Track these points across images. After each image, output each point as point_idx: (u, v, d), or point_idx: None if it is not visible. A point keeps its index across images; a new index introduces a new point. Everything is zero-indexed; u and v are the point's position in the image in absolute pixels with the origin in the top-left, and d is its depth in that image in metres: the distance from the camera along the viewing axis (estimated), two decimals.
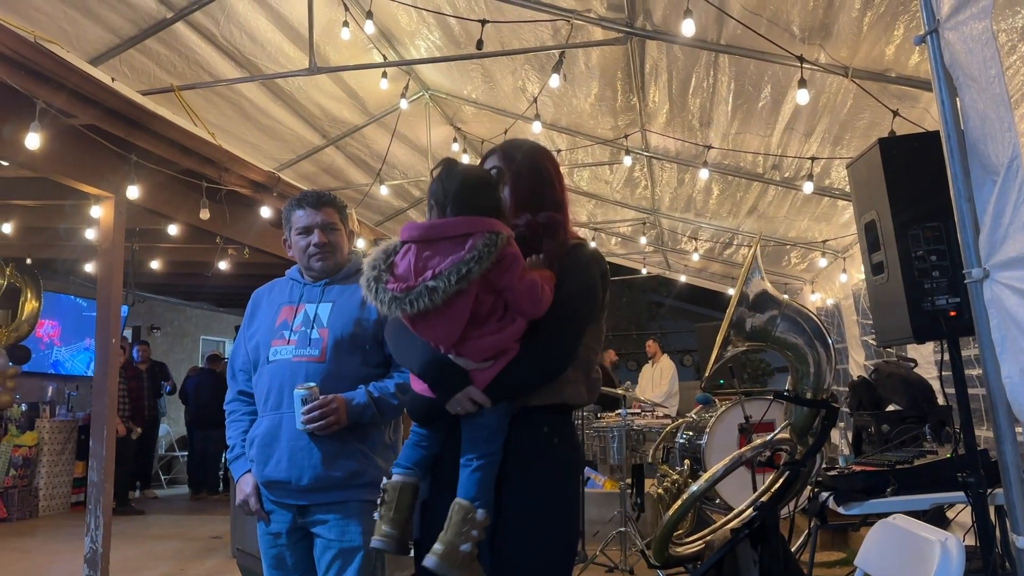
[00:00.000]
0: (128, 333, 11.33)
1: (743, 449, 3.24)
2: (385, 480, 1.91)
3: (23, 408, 8.69)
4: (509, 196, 1.95)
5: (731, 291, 3.10)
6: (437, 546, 1.76)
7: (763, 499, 2.94)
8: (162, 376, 9.98)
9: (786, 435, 3.06)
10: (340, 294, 2.49)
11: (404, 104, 6.03)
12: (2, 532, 7.42)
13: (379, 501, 1.89)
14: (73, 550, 5.73)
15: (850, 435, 4.91)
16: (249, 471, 2.47)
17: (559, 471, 1.91)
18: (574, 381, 1.91)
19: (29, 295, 8.62)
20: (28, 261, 8.51)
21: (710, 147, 5.91)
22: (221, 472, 10.17)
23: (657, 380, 9.83)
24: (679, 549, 3.24)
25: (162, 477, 11.00)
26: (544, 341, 1.84)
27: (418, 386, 1.90)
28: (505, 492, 1.84)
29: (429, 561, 1.75)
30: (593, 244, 2.41)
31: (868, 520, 3.38)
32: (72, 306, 10.39)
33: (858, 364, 7.24)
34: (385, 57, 5.70)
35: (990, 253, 1.97)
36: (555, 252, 1.91)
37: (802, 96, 4.14)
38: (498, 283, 1.76)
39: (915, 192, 2.60)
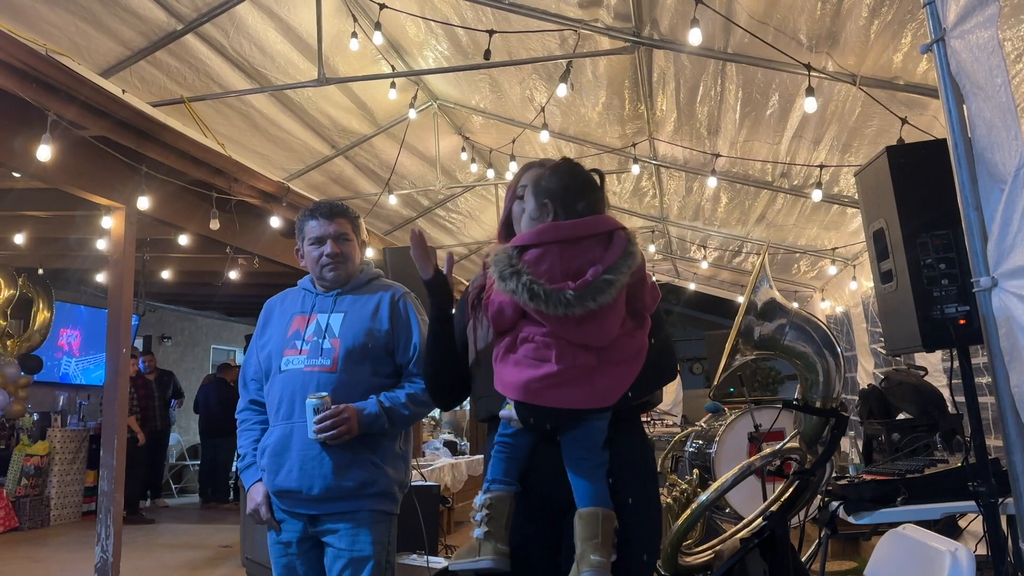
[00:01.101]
0: (139, 342, 11.38)
1: (753, 458, 3.23)
2: (484, 496, 1.84)
3: (35, 417, 8.73)
4: None
5: (740, 299, 3.09)
6: (596, 557, 1.72)
7: (773, 508, 2.93)
8: (170, 385, 10.00)
9: (796, 444, 3.04)
10: (352, 304, 2.51)
11: (412, 114, 6.06)
12: (14, 541, 7.45)
13: (483, 518, 1.81)
14: (84, 559, 5.75)
15: (860, 444, 4.89)
16: (260, 480, 2.47)
17: (653, 459, 2.01)
18: None
19: (41, 305, 8.67)
20: (40, 271, 8.57)
21: (718, 155, 5.91)
22: (232, 481, 10.19)
23: (664, 390, 9.77)
24: (688, 559, 3.22)
25: (173, 486, 11.02)
26: (664, 344, 1.93)
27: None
28: (624, 488, 1.85)
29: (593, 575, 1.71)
30: None
31: (879, 529, 3.36)
32: (93, 316, 10.46)
33: (867, 372, 7.20)
34: (393, 67, 5.73)
35: (998, 262, 1.96)
36: None
37: (810, 104, 4.14)
38: (636, 278, 1.79)
39: (924, 200, 2.59)
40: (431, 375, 2.11)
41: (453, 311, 2.06)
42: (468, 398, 2.10)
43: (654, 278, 2.03)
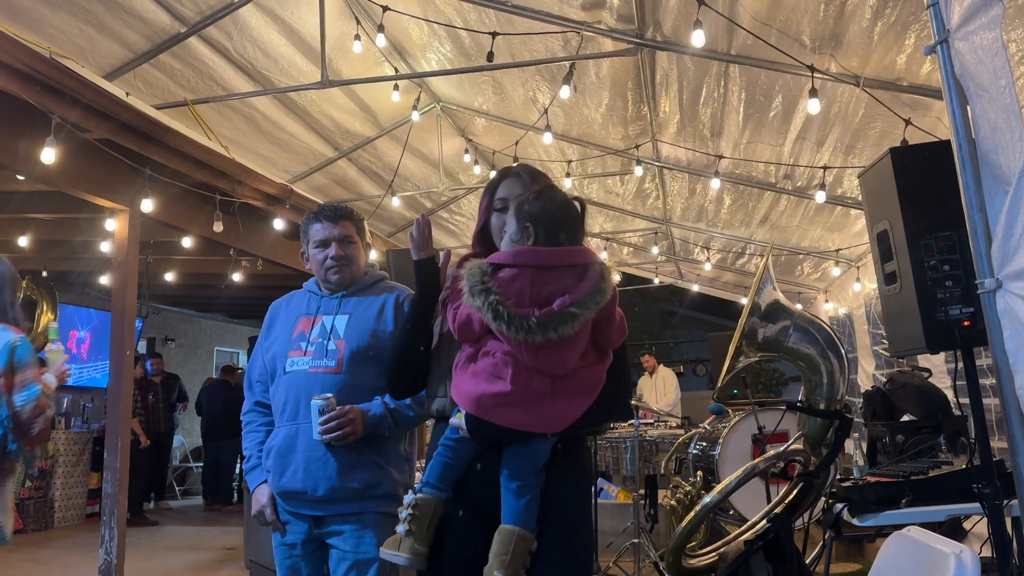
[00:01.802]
0: (143, 345, 11.39)
1: (756, 460, 3.23)
2: (414, 496, 1.88)
3: None
4: None
5: (744, 300, 3.09)
6: (498, 574, 1.75)
7: (777, 510, 2.93)
8: (175, 388, 10.01)
9: (800, 446, 3.04)
10: (357, 306, 2.51)
11: (416, 116, 6.06)
12: (18, 543, 7.46)
13: (407, 517, 1.85)
14: (88, 561, 5.76)
15: (864, 445, 4.88)
16: (265, 482, 2.48)
17: (588, 491, 2.00)
18: None
19: (45, 307, 8.68)
20: (44, 274, 8.59)
21: (721, 157, 5.91)
22: (235, 483, 10.20)
23: (662, 390, 9.79)
24: (692, 561, 3.22)
25: (176, 488, 11.04)
26: (618, 381, 1.91)
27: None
28: (551, 510, 1.86)
29: None
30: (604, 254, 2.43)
31: (883, 531, 3.36)
32: (103, 319, 10.47)
33: (867, 374, 7.20)
34: (397, 70, 5.73)
35: (1003, 263, 1.96)
36: None
37: (813, 106, 4.14)
38: (604, 314, 1.80)
39: (927, 201, 2.59)
40: (394, 359, 2.07)
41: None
42: (422, 391, 2.10)
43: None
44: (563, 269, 1.79)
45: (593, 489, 2.06)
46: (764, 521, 2.99)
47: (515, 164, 2.13)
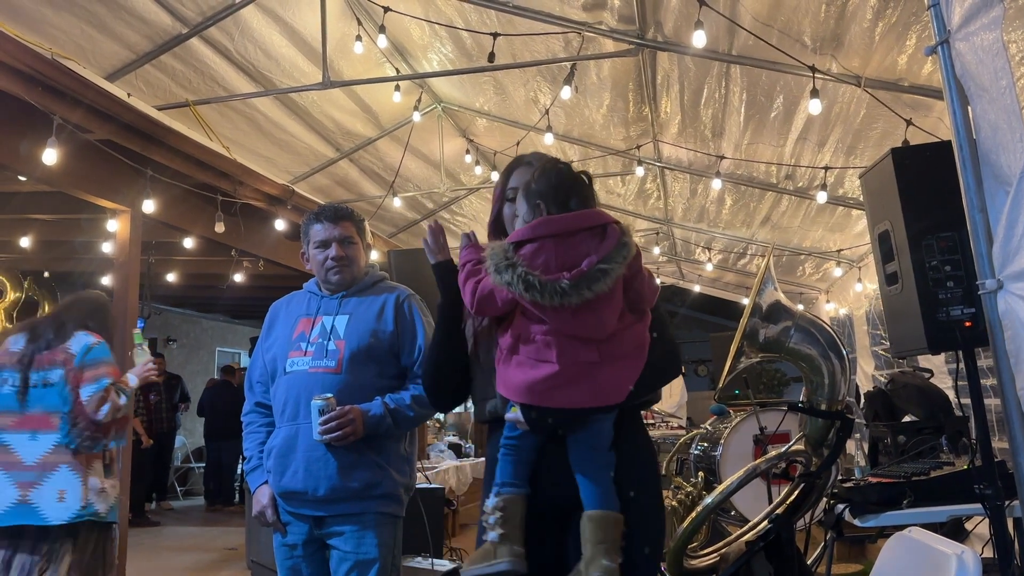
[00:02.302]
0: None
1: (758, 461, 3.22)
2: (496, 498, 1.83)
3: None
4: None
5: (745, 301, 3.09)
6: (606, 562, 1.72)
7: (778, 511, 2.92)
8: (177, 389, 10.01)
9: (801, 446, 3.04)
10: (357, 306, 2.52)
11: (417, 117, 6.07)
12: None
13: (497, 521, 1.79)
14: None
15: (866, 446, 4.88)
16: (266, 482, 2.48)
17: (655, 458, 2.00)
18: None
19: (47, 308, 8.69)
20: (46, 275, 8.59)
21: (723, 157, 5.91)
22: (237, 484, 10.20)
23: (668, 392, 9.79)
24: (694, 562, 3.21)
25: (178, 489, 11.04)
26: (667, 339, 1.91)
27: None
28: (627, 485, 1.85)
29: None
30: None
31: (885, 532, 3.36)
32: None
33: (866, 375, 7.19)
34: (398, 70, 5.74)
35: (1004, 264, 1.96)
36: None
37: (814, 106, 4.14)
38: (632, 270, 1.79)
39: (929, 202, 2.59)
40: (435, 371, 2.04)
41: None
42: (467, 400, 2.08)
43: (657, 280, 2.03)
44: (582, 233, 1.78)
45: (658, 461, 2.05)
46: (766, 522, 2.99)
47: (527, 154, 2.11)
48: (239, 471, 10.13)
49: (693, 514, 3.13)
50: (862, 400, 4.99)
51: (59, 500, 3.08)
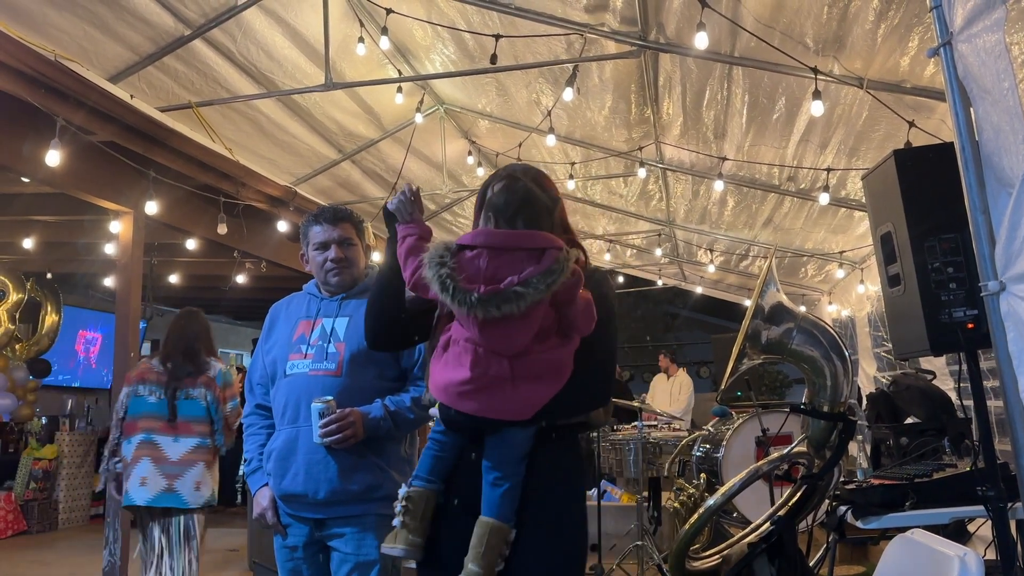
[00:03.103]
0: (147, 347, 11.41)
1: (760, 462, 3.22)
2: (407, 489, 1.91)
3: (43, 421, 8.76)
4: None
5: (748, 302, 3.09)
6: (473, 567, 1.78)
7: (781, 513, 2.92)
8: None
9: (803, 448, 3.04)
10: (357, 308, 2.51)
11: (419, 118, 6.07)
12: (22, 544, 7.48)
13: (401, 510, 1.89)
14: (92, 563, 5.77)
15: (868, 448, 4.87)
16: (266, 484, 2.48)
17: (575, 487, 1.98)
18: None
19: (49, 309, 8.71)
20: (48, 276, 8.61)
21: (725, 159, 5.91)
22: (238, 485, 10.19)
23: (676, 395, 9.77)
24: (696, 563, 3.21)
25: None
26: (595, 368, 1.90)
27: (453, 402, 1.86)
28: (526, 506, 1.87)
29: None
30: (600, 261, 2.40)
31: (887, 534, 3.35)
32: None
33: (868, 376, 7.19)
34: (400, 72, 5.74)
35: (1006, 266, 1.95)
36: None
37: (817, 108, 4.14)
38: (563, 298, 1.80)
39: (931, 203, 2.58)
40: (377, 304, 2.05)
41: None
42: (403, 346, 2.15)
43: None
44: (519, 252, 1.80)
45: (584, 481, 2.05)
46: (768, 523, 2.98)
47: (507, 165, 2.13)
48: (240, 472, 10.12)
49: (695, 516, 3.13)
50: (863, 402, 4.99)
51: (196, 489, 3.98)
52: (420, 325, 2.01)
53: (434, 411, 1.92)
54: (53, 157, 3.90)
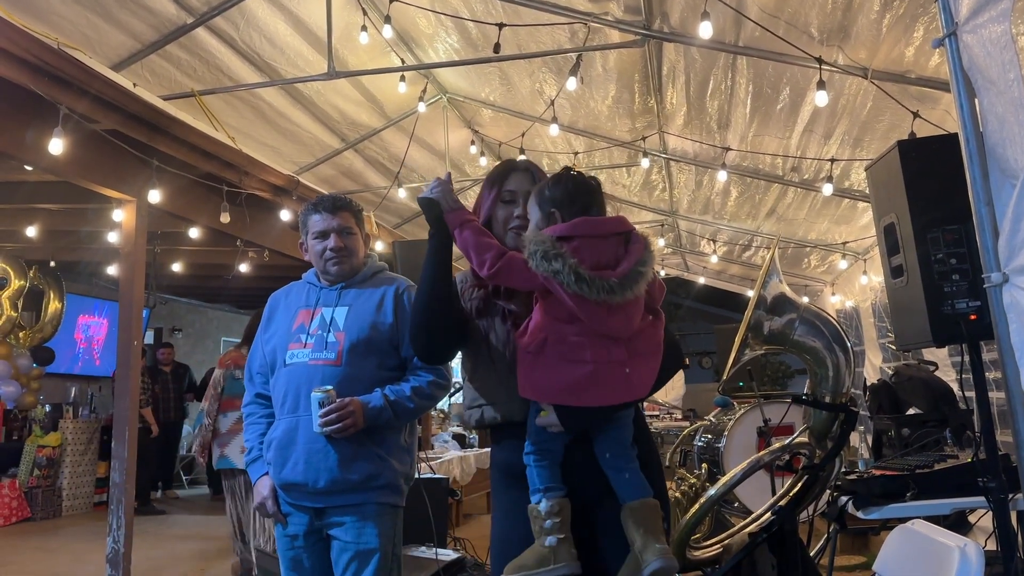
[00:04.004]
0: (150, 335, 11.44)
1: (762, 453, 3.23)
2: (547, 503, 1.83)
3: (47, 409, 8.79)
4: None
5: (750, 293, 3.08)
6: (659, 546, 1.78)
7: (782, 503, 2.93)
8: (185, 378, 10.02)
9: (805, 439, 3.04)
10: (356, 298, 2.51)
11: (422, 107, 6.06)
12: (26, 531, 7.51)
13: (552, 526, 1.81)
14: (96, 550, 5.79)
15: (870, 439, 4.88)
16: (266, 474, 2.49)
17: (656, 445, 2.11)
18: None
19: (52, 297, 8.72)
20: (52, 264, 8.61)
21: (728, 149, 5.89)
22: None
23: (670, 384, 9.80)
24: (697, 553, 3.22)
25: (183, 477, 11.08)
26: (672, 336, 2.00)
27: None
28: (650, 475, 1.94)
29: (661, 563, 1.74)
30: None
31: (888, 524, 3.36)
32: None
33: (874, 367, 7.19)
34: (403, 61, 5.73)
35: (1009, 257, 1.95)
36: None
37: (821, 98, 4.12)
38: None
39: (935, 195, 2.58)
40: (428, 315, 1.98)
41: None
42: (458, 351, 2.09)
43: (661, 273, 2.09)
44: (613, 237, 1.86)
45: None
46: (769, 513, 2.99)
47: (518, 159, 2.15)
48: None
49: (696, 505, 3.14)
50: (866, 393, 4.99)
51: (243, 452, 4.28)
52: (463, 332, 2.01)
53: (543, 420, 1.84)
54: (56, 145, 3.90)
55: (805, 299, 3.22)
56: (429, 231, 2.00)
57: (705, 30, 4.02)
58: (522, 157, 6.28)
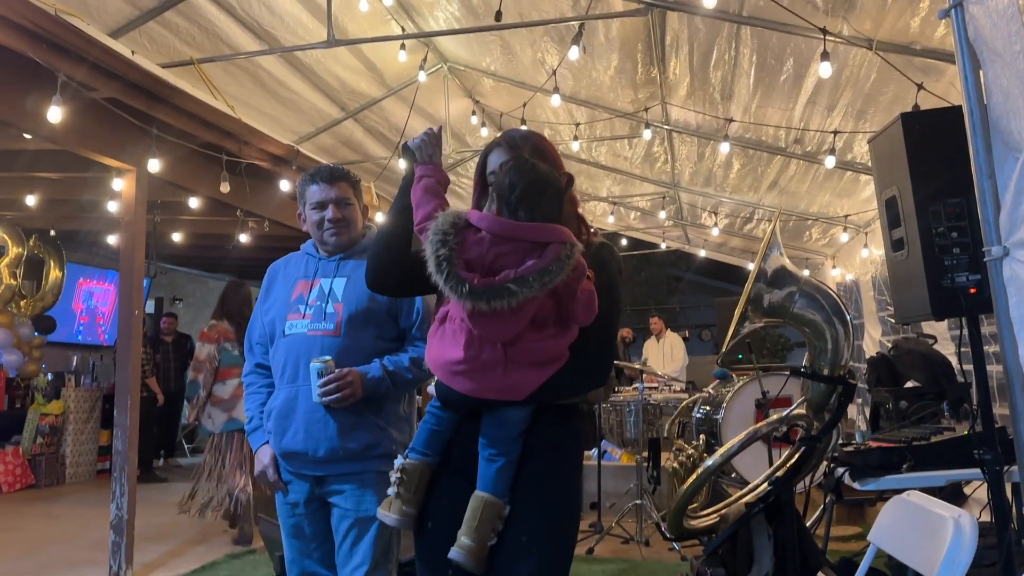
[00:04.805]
0: (151, 304, 11.45)
1: (759, 424, 3.25)
2: (403, 461, 1.94)
3: (49, 377, 8.83)
4: None
5: (751, 266, 3.09)
6: (466, 540, 1.80)
7: (779, 474, 2.95)
8: (186, 347, 10.05)
9: (803, 411, 3.06)
10: (355, 268, 2.50)
11: (422, 76, 6.01)
12: (31, 498, 7.59)
13: (396, 480, 1.92)
14: (100, 516, 5.85)
15: (867, 411, 4.90)
16: (267, 442, 2.50)
17: (572, 464, 1.98)
18: None
19: (53, 265, 8.72)
20: (52, 233, 8.60)
21: (731, 120, 5.86)
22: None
23: (669, 355, 9.86)
24: (694, 522, 3.26)
25: (185, 446, 11.16)
26: (593, 352, 1.89)
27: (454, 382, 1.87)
28: (522, 482, 1.87)
29: (456, 555, 1.80)
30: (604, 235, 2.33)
31: (884, 496, 3.39)
32: None
33: (874, 340, 7.20)
34: (404, 29, 5.67)
35: (1010, 231, 1.95)
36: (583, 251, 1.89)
37: (825, 69, 4.09)
38: (563, 292, 1.78)
39: (937, 168, 2.57)
40: (383, 241, 2.03)
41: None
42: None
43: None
44: (524, 243, 1.77)
45: (580, 458, 2.05)
46: (766, 484, 3.02)
47: (505, 132, 2.09)
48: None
49: (694, 476, 3.16)
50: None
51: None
52: (421, 279, 1.93)
53: (431, 387, 1.94)
54: (55, 113, 3.88)
55: (805, 272, 3.22)
56: (404, 175, 2.05)
57: None
58: (523, 127, 6.23)
